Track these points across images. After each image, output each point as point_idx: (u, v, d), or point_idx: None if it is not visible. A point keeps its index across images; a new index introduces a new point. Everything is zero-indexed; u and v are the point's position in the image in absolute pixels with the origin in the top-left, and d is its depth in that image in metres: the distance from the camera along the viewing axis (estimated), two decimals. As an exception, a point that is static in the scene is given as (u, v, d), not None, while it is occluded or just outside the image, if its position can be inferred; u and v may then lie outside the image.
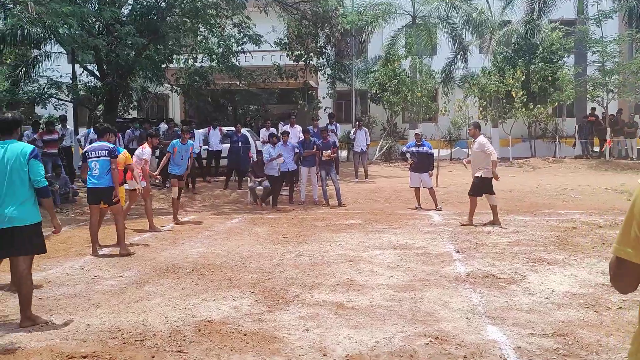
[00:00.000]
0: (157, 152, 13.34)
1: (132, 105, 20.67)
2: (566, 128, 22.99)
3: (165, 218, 10.59)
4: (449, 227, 9.16)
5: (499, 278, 6.01)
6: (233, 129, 15.42)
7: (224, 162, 15.16)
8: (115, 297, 5.51)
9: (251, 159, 14.71)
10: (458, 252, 7.32)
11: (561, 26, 20.45)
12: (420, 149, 11.14)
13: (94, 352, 4.04)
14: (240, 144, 14.46)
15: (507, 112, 20.12)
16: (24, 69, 18.06)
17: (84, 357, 3.95)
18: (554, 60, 20.25)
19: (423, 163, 11.09)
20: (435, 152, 12.03)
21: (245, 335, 4.40)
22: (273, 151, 11.92)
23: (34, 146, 4.86)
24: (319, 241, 8.20)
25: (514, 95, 19.24)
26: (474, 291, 5.54)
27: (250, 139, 16.29)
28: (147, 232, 9.16)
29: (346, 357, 3.95)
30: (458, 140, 22.11)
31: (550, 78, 19.50)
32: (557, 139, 21.06)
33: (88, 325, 4.65)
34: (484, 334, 4.40)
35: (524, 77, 19.20)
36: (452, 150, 21.40)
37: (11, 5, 14.80)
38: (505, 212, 10.69)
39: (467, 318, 4.76)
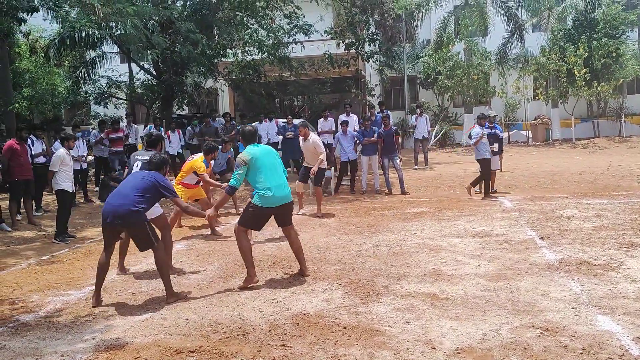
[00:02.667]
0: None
1: (185, 101, 21.00)
2: (630, 105, 21.97)
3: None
4: (524, 213, 8.85)
5: (594, 265, 5.75)
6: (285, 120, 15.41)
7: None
8: (206, 290, 5.55)
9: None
10: (542, 238, 7.05)
11: (621, -1, 19.53)
12: (492, 131, 10.84)
13: (201, 346, 4.07)
14: (291, 134, 14.45)
15: (568, 91, 19.35)
16: (83, 70, 18.58)
17: (192, 352, 3.97)
18: (617, 35, 19.33)
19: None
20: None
21: (345, 328, 4.33)
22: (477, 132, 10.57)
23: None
24: (392, 230, 8.07)
25: (576, 73, 18.47)
26: (572, 279, 5.30)
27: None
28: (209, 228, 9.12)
29: (456, 350, 3.83)
30: (515, 122, 21.47)
31: (614, 54, 18.62)
32: (623, 117, 20.13)
33: (187, 320, 4.69)
34: (595, 324, 4.19)
35: (586, 54, 18.39)
36: (510, 133, 20.80)
37: (67, 8, 15.25)
38: (580, 196, 10.30)
39: (572, 308, 4.55)
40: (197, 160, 8.42)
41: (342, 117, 14.12)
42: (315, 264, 6.40)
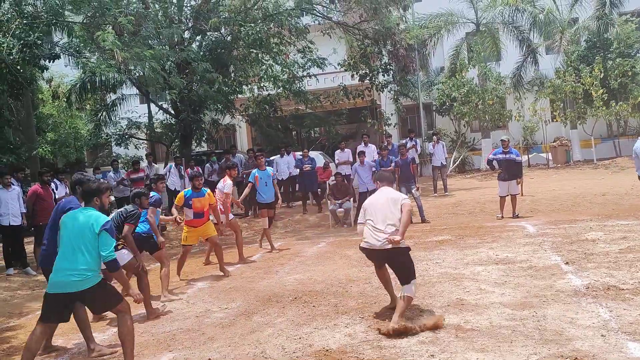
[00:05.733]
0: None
1: (204, 138, 21.32)
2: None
3: (251, 247, 10.68)
4: (548, 238, 8.70)
5: (623, 289, 5.60)
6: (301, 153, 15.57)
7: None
8: (228, 329, 5.54)
9: (327, 183, 14.75)
10: (567, 263, 6.91)
11: (633, 18, 19.48)
12: (508, 156, 10.79)
13: (224, 387, 4.04)
14: (309, 167, 14.63)
15: (586, 112, 19.22)
16: (104, 113, 19.06)
17: (216, 393, 3.95)
18: (632, 54, 19.26)
19: (511, 171, 10.73)
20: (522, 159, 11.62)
21: (369, 363, 4.28)
22: None
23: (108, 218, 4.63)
24: (414, 260, 7.95)
25: (593, 94, 18.37)
26: (600, 305, 5.18)
27: (322, 161, 16.34)
28: (238, 264, 9.18)
29: (484, 383, 3.75)
30: (534, 145, 21.31)
31: (630, 73, 18.51)
32: (644, 135, 19.84)
33: (217, 358, 4.67)
34: (626, 351, 4.08)
35: (602, 74, 18.31)
36: (530, 156, 20.63)
37: (87, 54, 15.80)
38: (604, 217, 10.11)
39: (602, 335, 4.43)
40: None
41: (360, 148, 14.18)
42: (337, 297, 6.36)
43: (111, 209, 6.51)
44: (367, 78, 18.47)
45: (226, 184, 9.38)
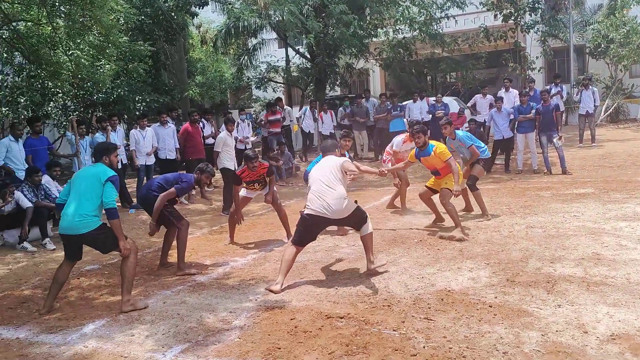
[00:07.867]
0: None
1: (337, 82, 21.63)
2: None
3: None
4: None
5: None
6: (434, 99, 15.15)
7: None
8: (354, 264, 5.85)
9: (461, 129, 14.35)
10: None
11: None
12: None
13: (349, 313, 4.35)
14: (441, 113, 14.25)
15: None
16: (246, 57, 20.07)
17: (341, 318, 4.27)
18: None
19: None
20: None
21: (490, 306, 4.31)
22: None
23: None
24: (549, 212, 7.66)
25: None
26: None
27: (456, 107, 15.84)
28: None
29: (611, 335, 3.63)
30: None
31: None
32: None
33: (336, 289, 5.01)
34: None
35: None
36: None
37: (233, 0, 16.59)
38: None
39: None
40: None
41: (501, 93, 13.52)
42: (463, 242, 6.37)
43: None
44: (512, 18, 17.26)
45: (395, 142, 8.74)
